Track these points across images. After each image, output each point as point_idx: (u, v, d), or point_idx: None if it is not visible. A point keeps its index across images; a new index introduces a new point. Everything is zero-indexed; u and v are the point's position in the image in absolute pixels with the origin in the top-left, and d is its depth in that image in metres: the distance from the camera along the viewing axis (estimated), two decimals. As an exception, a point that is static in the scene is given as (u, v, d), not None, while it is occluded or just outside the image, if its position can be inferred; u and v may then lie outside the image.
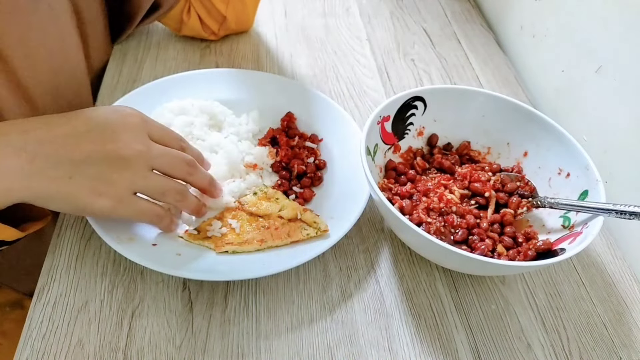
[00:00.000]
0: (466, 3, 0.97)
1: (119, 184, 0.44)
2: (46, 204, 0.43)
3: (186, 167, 0.49)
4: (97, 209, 0.44)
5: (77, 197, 0.43)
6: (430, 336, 0.49)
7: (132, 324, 0.47)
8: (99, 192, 0.44)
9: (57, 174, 0.42)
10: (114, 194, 0.44)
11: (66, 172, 0.42)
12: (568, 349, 0.50)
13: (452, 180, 0.58)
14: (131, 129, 0.46)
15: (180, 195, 0.49)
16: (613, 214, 0.47)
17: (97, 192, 0.44)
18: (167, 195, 0.48)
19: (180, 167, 0.49)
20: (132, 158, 0.44)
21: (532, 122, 0.58)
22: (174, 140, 0.50)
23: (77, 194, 0.43)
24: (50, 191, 0.42)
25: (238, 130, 0.61)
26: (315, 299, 0.51)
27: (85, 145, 0.43)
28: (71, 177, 0.43)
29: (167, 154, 0.48)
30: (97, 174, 0.43)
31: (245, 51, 0.78)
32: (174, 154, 0.48)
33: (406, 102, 0.58)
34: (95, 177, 0.43)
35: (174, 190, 0.48)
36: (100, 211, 0.45)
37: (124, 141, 0.44)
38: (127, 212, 0.46)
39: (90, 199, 0.44)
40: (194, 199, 0.51)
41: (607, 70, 0.64)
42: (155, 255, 0.48)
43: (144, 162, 0.45)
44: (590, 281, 0.56)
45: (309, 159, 0.60)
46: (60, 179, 0.42)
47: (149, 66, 0.73)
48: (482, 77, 0.81)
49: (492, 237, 0.53)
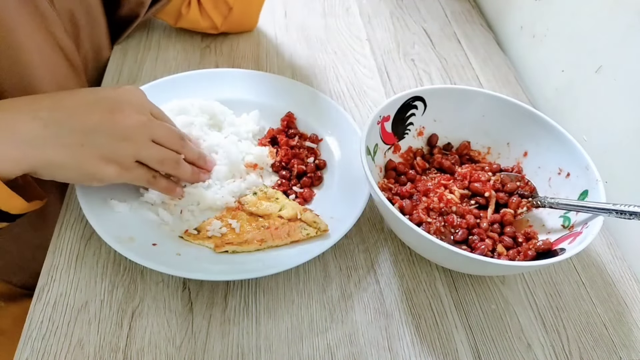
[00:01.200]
0: (466, 3, 0.97)
1: (125, 153, 0.47)
2: (55, 172, 0.46)
3: (180, 140, 0.53)
4: (104, 176, 0.47)
5: (87, 164, 0.46)
6: (430, 336, 0.49)
7: (132, 324, 0.47)
8: (107, 159, 0.46)
9: (70, 141, 0.45)
10: (120, 162, 0.47)
11: (78, 140, 0.45)
12: (568, 348, 0.50)
13: (452, 180, 0.58)
14: (135, 102, 0.50)
15: (176, 163, 0.52)
16: (613, 213, 0.47)
17: (105, 159, 0.46)
18: (164, 163, 0.51)
19: (175, 140, 0.52)
20: (136, 128, 0.48)
21: (532, 122, 0.58)
22: (169, 121, 0.55)
23: (87, 161, 0.46)
24: (63, 158, 0.45)
25: (238, 130, 0.61)
26: (315, 298, 0.51)
27: (95, 114, 0.46)
28: (82, 144, 0.45)
29: (164, 126, 0.52)
30: (105, 142, 0.46)
31: (245, 51, 0.78)
32: (171, 128, 0.53)
33: (406, 102, 0.58)
34: (103, 146, 0.46)
35: (170, 159, 0.52)
36: (108, 177, 0.48)
37: (128, 112, 0.48)
38: (129, 177, 0.49)
39: (99, 166, 0.46)
40: (188, 166, 0.54)
41: (607, 70, 0.64)
42: (155, 255, 0.48)
43: (145, 132, 0.49)
44: (590, 281, 0.56)
45: (309, 159, 0.60)
46: (72, 146, 0.45)
47: (149, 66, 0.73)
48: (482, 77, 0.81)
49: (492, 237, 0.53)
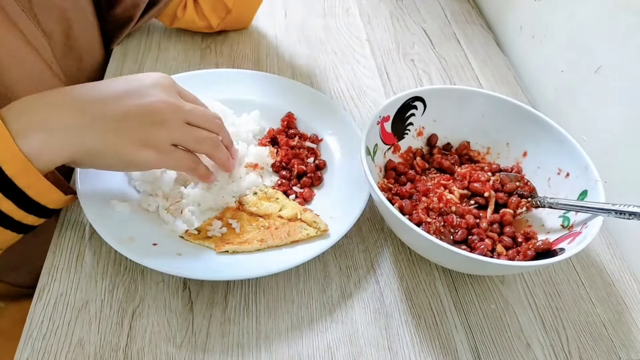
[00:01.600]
0: (466, 3, 0.97)
1: (160, 136, 0.47)
2: (94, 160, 0.46)
3: (216, 120, 0.53)
4: (142, 161, 0.47)
5: (124, 150, 0.46)
6: (430, 336, 0.49)
7: (132, 324, 0.47)
8: (143, 144, 0.47)
9: (105, 127, 0.45)
10: (155, 146, 0.47)
11: (112, 127, 0.45)
12: (567, 348, 0.50)
13: (451, 180, 0.58)
14: (163, 87, 0.49)
15: (215, 144, 0.52)
16: (612, 213, 0.48)
17: (141, 144, 0.46)
18: (203, 143, 0.50)
19: (212, 121, 0.52)
20: (167, 111, 0.48)
21: (531, 122, 0.58)
22: (203, 105, 0.54)
23: (124, 147, 0.46)
24: (101, 144, 0.45)
25: (238, 130, 0.61)
26: (315, 298, 0.51)
27: (125, 101, 0.46)
28: (117, 130, 0.45)
29: (198, 108, 0.51)
30: (138, 127, 0.46)
31: (246, 51, 0.78)
32: (205, 110, 0.52)
33: (406, 102, 0.59)
34: (137, 130, 0.46)
35: (209, 139, 0.51)
36: (146, 163, 0.48)
37: (158, 96, 0.48)
38: (169, 162, 0.49)
39: (136, 152, 0.46)
40: (225, 150, 0.54)
41: (606, 71, 0.64)
42: (156, 255, 0.48)
43: (178, 115, 0.49)
44: (589, 281, 0.56)
45: (309, 159, 0.61)
46: (108, 132, 0.45)
47: (149, 66, 0.73)
48: (481, 77, 0.81)
49: (492, 237, 0.53)
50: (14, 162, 0.41)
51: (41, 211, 0.46)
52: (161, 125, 0.47)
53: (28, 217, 0.45)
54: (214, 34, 0.80)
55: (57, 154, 0.43)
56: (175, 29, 0.80)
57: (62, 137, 0.43)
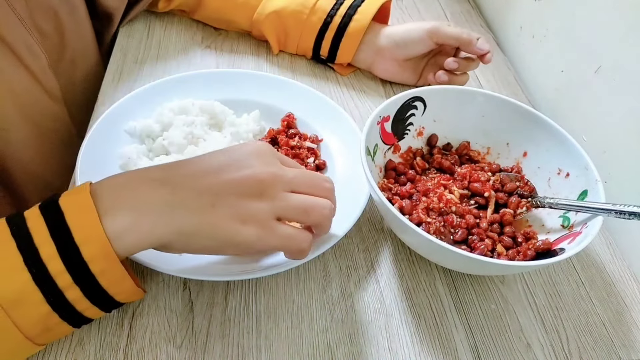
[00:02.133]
0: (466, 4, 0.97)
1: (261, 210, 0.42)
2: (188, 242, 0.41)
3: (326, 184, 0.46)
4: (242, 239, 0.42)
5: (221, 227, 0.41)
6: (430, 335, 0.49)
7: (132, 324, 0.47)
8: (243, 219, 0.41)
9: (199, 204, 0.40)
10: (256, 221, 0.42)
11: (208, 202, 0.41)
12: (567, 348, 0.50)
13: (451, 180, 0.58)
14: (264, 155, 0.44)
15: (328, 210, 0.45)
16: (612, 213, 0.48)
17: (241, 219, 0.41)
18: (311, 212, 0.44)
19: (321, 186, 0.46)
20: (269, 180, 0.43)
21: (531, 122, 0.58)
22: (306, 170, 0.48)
23: (221, 223, 0.41)
24: (194, 223, 0.40)
25: (238, 130, 0.61)
26: (315, 298, 0.51)
27: (224, 174, 0.42)
28: (214, 205, 0.41)
29: (303, 173, 0.46)
30: (237, 201, 0.41)
31: (246, 51, 0.78)
32: (311, 173, 0.47)
33: (406, 102, 0.59)
34: (236, 205, 0.41)
35: (319, 205, 0.44)
36: (246, 241, 0.42)
37: (258, 166, 0.43)
38: (273, 239, 0.43)
39: (235, 228, 0.41)
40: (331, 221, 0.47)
41: (606, 71, 0.64)
42: (156, 255, 0.48)
43: (280, 185, 0.43)
44: (589, 281, 0.56)
45: (309, 159, 0.61)
46: (203, 209, 0.40)
47: (149, 67, 0.73)
48: (481, 77, 0.81)
49: (492, 237, 0.53)
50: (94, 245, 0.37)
51: (106, 304, 0.40)
52: (262, 196, 0.42)
53: (91, 308, 0.39)
54: (214, 34, 0.80)
55: (145, 236, 0.39)
56: (175, 29, 0.80)
57: (151, 219, 0.39)
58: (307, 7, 0.73)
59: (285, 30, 0.75)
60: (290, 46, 0.76)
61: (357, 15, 0.71)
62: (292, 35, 0.75)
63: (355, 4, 0.72)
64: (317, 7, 0.73)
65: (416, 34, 0.70)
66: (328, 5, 0.72)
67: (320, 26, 0.72)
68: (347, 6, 0.72)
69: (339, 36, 0.72)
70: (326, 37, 0.73)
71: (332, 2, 0.73)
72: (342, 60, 0.74)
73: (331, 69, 0.77)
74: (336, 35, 0.72)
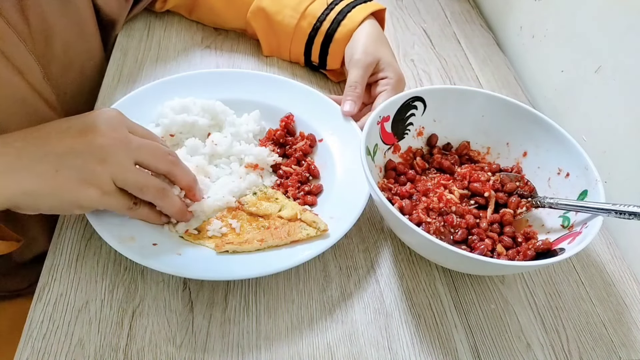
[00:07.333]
0: (466, 3, 0.97)
1: (102, 175, 0.45)
2: (35, 202, 0.44)
3: (169, 157, 0.49)
4: (84, 200, 0.45)
5: (64, 189, 0.44)
6: (430, 335, 0.49)
7: (132, 324, 0.47)
8: (86, 183, 0.44)
9: (43, 169, 0.43)
10: (97, 184, 0.44)
11: (52, 166, 0.43)
12: (567, 348, 0.50)
13: (451, 180, 0.58)
14: (109, 121, 0.46)
15: (161, 193, 0.48)
16: (612, 213, 0.48)
17: (84, 183, 0.44)
18: (145, 191, 0.47)
19: (163, 158, 0.49)
20: (112, 147, 0.45)
21: (531, 122, 0.58)
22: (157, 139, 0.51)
23: (64, 186, 0.44)
24: (39, 186, 0.43)
25: (238, 130, 0.61)
26: (315, 298, 0.51)
27: (68, 139, 0.44)
28: (57, 170, 0.43)
29: (147, 144, 0.48)
30: (81, 165, 0.44)
31: (246, 51, 0.78)
32: (156, 145, 0.49)
33: (406, 102, 0.59)
34: (79, 168, 0.44)
35: (153, 187, 0.47)
36: (89, 203, 0.45)
37: (102, 131, 0.45)
38: (109, 204, 0.46)
39: (78, 191, 0.44)
40: (176, 200, 0.50)
41: (606, 70, 0.64)
42: (156, 255, 0.48)
43: (123, 153, 0.46)
44: (589, 281, 0.56)
45: (304, 170, 0.60)
46: (47, 173, 0.43)
47: (149, 67, 0.73)
48: (481, 77, 0.81)
49: (492, 237, 0.53)
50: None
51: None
52: (105, 162, 0.44)
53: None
54: (214, 34, 0.80)
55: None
56: (175, 29, 0.80)
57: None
58: (298, 11, 0.72)
59: (275, 33, 0.74)
60: (283, 52, 0.76)
61: (346, 20, 0.70)
62: (284, 40, 0.74)
63: (346, 9, 0.71)
64: (308, 12, 0.72)
65: (346, 60, 0.68)
66: (318, 11, 0.72)
67: (309, 31, 0.72)
68: (337, 11, 0.71)
69: (327, 42, 0.71)
70: (315, 43, 0.72)
71: (322, 7, 0.72)
72: (331, 66, 0.73)
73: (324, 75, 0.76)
74: (325, 40, 0.71)
